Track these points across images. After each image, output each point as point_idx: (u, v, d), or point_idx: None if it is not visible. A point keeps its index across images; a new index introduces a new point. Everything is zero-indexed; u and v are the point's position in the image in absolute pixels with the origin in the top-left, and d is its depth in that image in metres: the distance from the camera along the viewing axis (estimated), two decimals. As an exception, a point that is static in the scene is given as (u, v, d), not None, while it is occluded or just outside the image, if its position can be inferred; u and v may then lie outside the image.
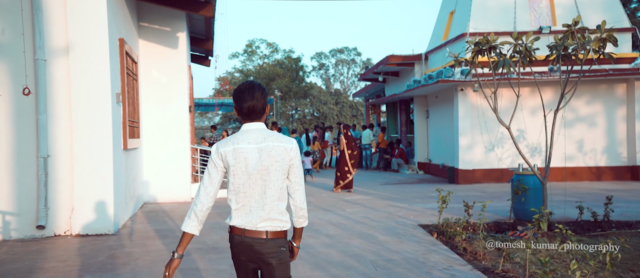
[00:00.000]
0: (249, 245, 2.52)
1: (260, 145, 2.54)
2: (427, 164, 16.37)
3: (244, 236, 2.53)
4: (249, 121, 2.60)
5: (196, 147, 11.87)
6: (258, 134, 2.57)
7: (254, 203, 2.53)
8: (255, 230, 2.51)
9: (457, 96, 12.99)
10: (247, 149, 2.53)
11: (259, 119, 2.61)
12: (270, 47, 38.69)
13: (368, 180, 15.04)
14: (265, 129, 2.61)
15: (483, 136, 13.13)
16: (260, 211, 2.52)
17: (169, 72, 10.75)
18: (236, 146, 2.54)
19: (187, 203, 10.49)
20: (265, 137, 2.56)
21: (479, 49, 6.83)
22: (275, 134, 2.59)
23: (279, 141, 2.57)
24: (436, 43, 15.75)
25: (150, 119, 10.62)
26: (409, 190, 12.06)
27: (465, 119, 12.92)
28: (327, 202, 10.30)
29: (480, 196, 10.54)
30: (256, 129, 2.58)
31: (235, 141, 2.56)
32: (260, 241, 2.51)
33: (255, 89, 2.57)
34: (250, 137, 2.56)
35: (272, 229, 2.53)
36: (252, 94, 2.55)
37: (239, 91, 2.59)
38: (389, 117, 21.51)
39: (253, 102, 2.55)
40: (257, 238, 2.51)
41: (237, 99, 2.58)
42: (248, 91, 2.56)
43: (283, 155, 2.55)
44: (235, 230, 2.56)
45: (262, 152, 2.53)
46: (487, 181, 13.05)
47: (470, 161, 12.93)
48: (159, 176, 10.64)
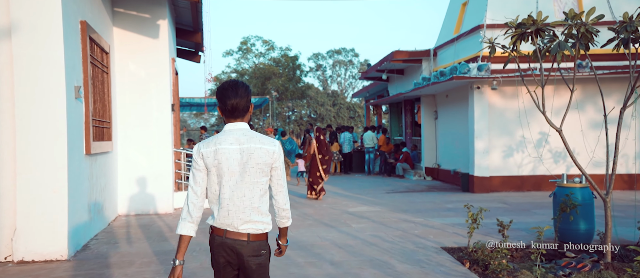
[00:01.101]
0: (230, 246, 2.51)
1: (242, 146, 2.53)
2: (436, 169, 15.05)
3: (225, 237, 2.52)
4: (232, 120, 2.58)
5: (181, 151, 10.51)
6: (240, 134, 2.55)
7: (235, 204, 2.51)
8: (236, 232, 2.51)
9: (472, 95, 11.68)
10: (228, 150, 2.52)
11: (242, 118, 2.59)
12: (266, 44, 37.12)
13: (372, 186, 13.71)
14: (248, 130, 2.58)
15: (501, 140, 11.82)
16: (240, 214, 2.50)
17: (149, 65, 9.40)
18: (218, 146, 2.52)
19: (169, 215, 9.14)
20: (248, 138, 2.55)
21: (521, 32, 5.49)
22: (259, 136, 2.58)
23: (262, 143, 2.55)
24: (446, 37, 14.45)
25: (127, 118, 9.27)
26: (419, 200, 10.73)
27: (481, 120, 11.62)
28: (329, 215, 8.97)
29: (504, 209, 9.22)
30: (239, 130, 2.57)
31: (217, 141, 2.54)
32: (241, 243, 2.50)
33: (238, 86, 2.56)
34: (233, 137, 2.54)
35: (253, 231, 2.52)
36: (235, 91, 2.54)
37: (222, 89, 2.57)
38: (392, 118, 20.20)
39: (236, 99, 2.53)
40: (239, 240, 2.50)
41: (221, 96, 2.56)
42: (232, 88, 2.54)
43: (265, 158, 2.54)
44: (217, 230, 2.55)
45: (244, 153, 2.52)
46: (506, 189, 11.74)
47: (486, 167, 11.62)
48: (137, 185, 9.28)
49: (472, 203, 10.39)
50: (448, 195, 11.50)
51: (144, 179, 9.34)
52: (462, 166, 12.95)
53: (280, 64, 36.45)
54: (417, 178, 15.41)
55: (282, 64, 36.38)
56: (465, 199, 10.62)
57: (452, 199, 10.76)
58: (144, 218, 8.82)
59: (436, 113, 15.15)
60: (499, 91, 11.67)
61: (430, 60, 15.23)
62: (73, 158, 6.06)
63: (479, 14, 12.48)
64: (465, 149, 12.62)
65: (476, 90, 11.57)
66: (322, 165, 11.15)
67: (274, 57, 37.58)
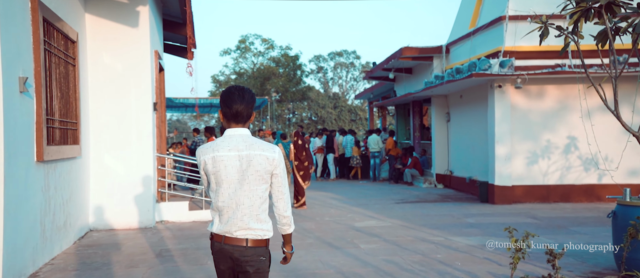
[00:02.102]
0: (229, 252, 2.50)
1: (241, 153, 2.49)
2: (448, 176, 13.81)
3: (224, 243, 2.51)
4: (233, 125, 2.55)
5: (165, 156, 9.28)
6: (240, 141, 2.52)
7: (233, 211, 2.49)
8: (234, 238, 2.50)
9: (492, 95, 10.45)
10: (226, 157, 2.49)
11: (243, 123, 2.56)
12: (265, 43, 35.71)
13: (379, 195, 12.47)
14: (248, 136, 2.55)
15: (524, 145, 10.58)
16: (238, 221, 2.49)
17: (127, 57, 8.21)
18: (215, 153, 2.50)
19: (148, 230, 7.92)
20: (247, 145, 2.51)
21: (586, 8, 4.25)
22: (259, 143, 2.54)
23: (262, 149, 2.51)
24: (460, 32, 13.23)
25: (101, 118, 8.07)
26: (435, 213, 9.49)
27: (503, 123, 10.38)
28: (333, 231, 7.74)
29: (535, 225, 7.99)
30: (239, 136, 2.54)
31: (215, 148, 2.51)
32: (239, 249, 2.49)
33: (245, 92, 2.54)
34: (232, 144, 2.51)
35: (252, 237, 2.51)
36: (242, 96, 2.51)
37: (228, 93, 2.53)
38: (399, 121, 18.96)
39: (242, 105, 2.51)
40: (237, 246, 2.49)
41: (225, 100, 2.52)
42: (238, 93, 2.52)
43: (264, 165, 2.51)
44: (216, 237, 2.55)
45: (243, 160, 2.49)
46: (530, 200, 10.49)
47: (508, 175, 10.38)
48: (112, 195, 8.08)
49: (495, 216, 9.20)
50: (465, 206, 10.26)
51: (120, 188, 8.13)
52: (479, 173, 11.71)
53: (280, 63, 35.11)
54: (428, 186, 14.17)
55: (282, 64, 35.04)
56: (486, 212, 9.39)
57: (472, 211, 9.52)
58: (119, 235, 7.60)
59: (448, 115, 13.92)
60: (522, 90, 10.44)
61: (442, 57, 14.00)
62: (14, 166, 4.84)
63: (499, 5, 11.26)
64: (483, 155, 11.39)
65: (497, 89, 10.34)
66: (299, 172, 10.35)
67: (273, 56, 36.23)
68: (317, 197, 12.14)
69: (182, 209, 8.91)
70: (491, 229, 7.71)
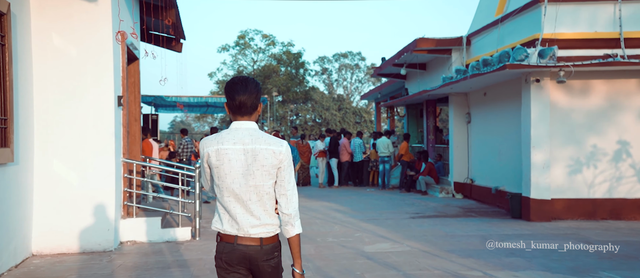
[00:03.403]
0: (243, 252, 2.40)
1: (246, 147, 2.41)
2: (469, 185, 12.13)
3: (237, 243, 2.41)
4: (239, 118, 2.46)
5: (134, 162, 7.65)
6: (246, 134, 2.43)
7: (242, 207, 2.40)
8: (248, 237, 2.40)
9: (528, 91, 8.79)
10: (231, 150, 2.40)
11: (249, 116, 2.47)
12: (266, 39, 33.83)
13: (391, 207, 10.81)
14: (255, 130, 2.47)
15: (565, 150, 8.91)
16: (249, 217, 2.40)
17: (83, 40, 6.64)
18: (220, 146, 2.41)
19: (107, 255, 6.33)
20: (253, 139, 2.42)
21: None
22: (265, 136, 2.45)
23: (268, 143, 2.42)
24: (484, 21, 11.56)
25: (48, 115, 6.48)
26: (461, 232, 7.83)
27: (540, 124, 8.71)
28: (337, 260, 6.10)
29: (594, 253, 6.30)
30: (245, 129, 2.45)
31: (220, 140, 2.42)
32: (255, 248, 2.40)
33: (248, 82, 2.46)
34: (237, 137, 2.42)
35: (265, 235, 2.42)
36: (244, 87, 2.43)
37: (231, 84, 2.47)
38: (410, 122, 17.28)
39: (245, 96, 2.42)
40: (252, 245, 2.40)
41: (229, 91, 2.45)
42: (241, 83, 2.44)
43: (271, 159, 2.41)
44: (226, 237, 2.43)
45: (248, 154, 2.40)
46: (572, 216, 8.82)
47: (547, 186, 8.70)
48: (61, 210, 6.48)
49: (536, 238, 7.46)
50: (496, 224, 8.58)
51: (73, 202, 6.54)
52: (508, 183, 10.04)
53: (281, 61, 33.34)
54: (444, 196, 12.50)
55: (283, 62, 33.28)
56: (524, 232, 7.72)
57: (506, 231, 7.86)
58: (66, 262, 5.99)
59: (469, 116, 12.26)
60: (563, 86, 8.78)
61: (462, 50, 12.34)
62: None
63: (534, -14, 9.59)
64: (514, 161, 9.73)
65: (534, 84, 8.67)
66: None
67: (274, 53, 34.44)
68: (320, 209, 10.50)
69: (153, 227, 7.29)
70: (539, 258, 6.06)
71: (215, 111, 23.64)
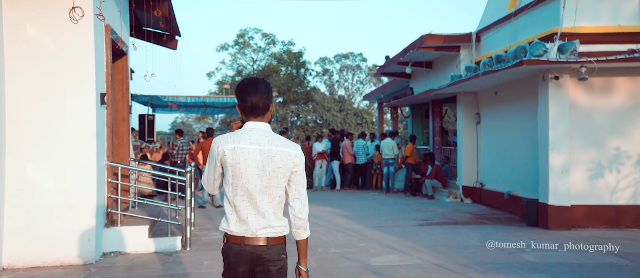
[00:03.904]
0: (250, 253, 2.39)
1: (263, 148, 2.41)
2: (478, 190, 11.50)
3: (244, 244, 2.40)
4: (252, 119, 2.46)
5: (118, 165, 7.03)
6: (262, 135, 2.44)
7: (253, 208, 2.39)
8: (255, 237, 2.40)
9: (546, 89, 8.16)
10: (248, 149, 2.39)
11: (262, 117, 2.47)
12: (266, 38, 33.12)
13: (397, 213, 10.18)
14: (270, 131, 2.47)
15: (586, 153, 8.28)
16: (259, 218, 2.39)
17: (61, 31, 6.01)
18: (237, 145, 2.39)
19: (87, 269, 5.70)
20: (269, 140, 2.43)
21: None
22: (280, 139, 2.46)
23: (284, 146, 2.44)
24: (495, 16, 10.94)
25: (21, 114, 5.87)
26: (475, 242, 7.20)
27: (559, 125, 8.09)
28: (341, 275, 5.48)
29: (628, 269, 5.67)
30: (260, 130, 2.45)
31: (236, 139, 2.41)
32: (262, 248, 2.40)
33: (259, 83, 2.46)
34: (253, 137, 2.42)
35: (273, 235, 2.42)
36: (255, 88, 2.43)
37: (242, 85, 2.47)
38: (415, 123, 16.65)
39: (256, 97, 2.42)
40: (258, 246, 2.39)
41: (240, 93, 2.46)
42: (252, 84, 2.44)
43: (286, 161, 2.42)
44: (233, 238, 2.42)
45: (264, 155, 2.40)
46: (594, 224, 8.19)
47: (566, 192, 8.08)
48: (36, 219, 5.87)
49: (559, 250, 6.85)
50: (511, 232, 7.95)
51: (49, 210, 5.94)
52: (522, 188, 9.42)
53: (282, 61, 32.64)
54: (452, 200, 11.88)
55: (284, 62, 32.58)
56: (544, 242, 7.09)
57: (526, 240, 7.22)
58: (40, 276, 5.37)
59: (478, 116, 11.63)
60: (583, 83, 8.16)
61: (471, 46, 11.72)
62: None
63: (551, -23, 8.97)
64: (527, 164, 9.11)
65: (552, 81, 8.05)
66: None
67: (275, 52, 33.74)
68: (322, 215, 9.87)
69: (140, 236, 6.68)
70: (567, 274, 5.44)
71: (214, 112, 23.01)
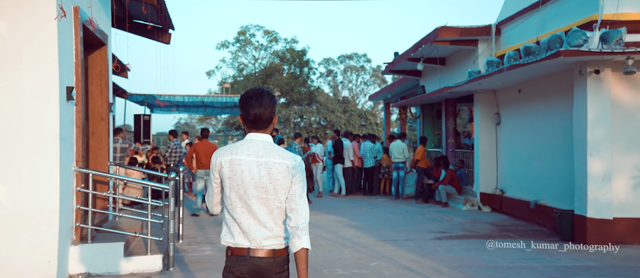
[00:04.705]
0: (255, 265, 2.34)
1: (260, 159, 2.36)
2: (498, 197, 10.46)
3: (249, 256, 2.35)
4: (254, 131, 2.43)
5: (90, 172, 6.02)
6: (261, 147, 2.40)
7: (253, 219, 2.36)
8: (261, 249, 2.35)
9: (583, 84, 7.14)
10: (245, 161, 2.36)
11: (265, 129, 2.44)
12: (268, 35, 32.04)
13: (409, 223, 9.16)
14: (270, 143, 2.43)
15: (630, 158, 7.24)
16: (262, 228, 2.35)
17: (15, 10, 5.04)
18: (234, 156, 2.37)
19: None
20: (267, 152, 2.38)
21: None
22: (279, 150, 2.41)
23: (282, 157, 2.38)
24: (518, 6, 9.91)
25: (-34, 111, 4.88)
26: (505, 263, 6.16)
27: (599, 126, 7.06)
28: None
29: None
30: (260, 141, 2.41)
31: (234, 150, 2.39)
32: (268, 261, 2.35)
33: (263, 96, 2.41)
34: (252, 149, 2.39)
35: (278, 246, 2.38)
36: (260, 100, 2.39)
37: (246, 97, 2.43)
38: (426, 124, 15.62)
39: (260, 109, 2.38)
40: (265, 258, 2.34)
41: (244, 105, 2.41)
42: (256, 97, 2.40)
43: (284, 174, 2.36)
44: (237, 250, 2.36)
45: (261, 167, 2.36)
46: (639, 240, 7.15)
47: (608, 203, 7.04)
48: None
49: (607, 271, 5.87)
50: (546, 249, 6.91)
51: (2, 226, 4.93)
52: (550, 196, 8.40)
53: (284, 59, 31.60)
54: (469, 208, 10.85)
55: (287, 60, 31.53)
56: (589, 262, 6.04)
57: (564, 261, 6.19)
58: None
59: (498, 117, 10.60)
60: (625, 79, 7.12)
61: (490, 40, 10.69)
62: None
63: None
64: (559, 171, 8.08)
65: (592, 76, 7.02)
66: None
67: (277, 51, 32.69)
68: (326, 225, 8.86)
69: (113, 254, 5.69)
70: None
71: (214, 112, 22.02)
